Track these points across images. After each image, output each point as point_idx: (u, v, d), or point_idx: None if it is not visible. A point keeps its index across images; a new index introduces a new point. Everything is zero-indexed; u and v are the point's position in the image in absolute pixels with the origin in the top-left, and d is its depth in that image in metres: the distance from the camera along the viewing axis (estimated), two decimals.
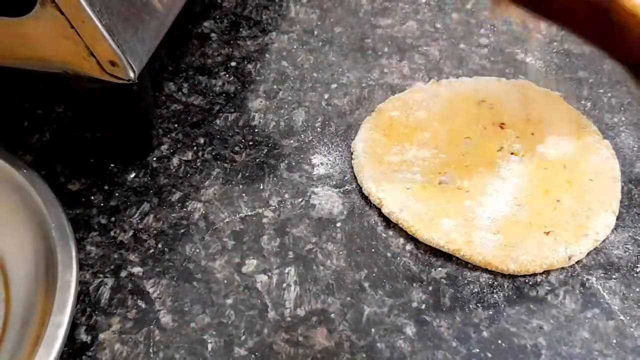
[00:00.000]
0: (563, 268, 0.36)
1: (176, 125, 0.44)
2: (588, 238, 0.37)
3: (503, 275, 0.36)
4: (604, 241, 0.37)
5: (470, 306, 0.35)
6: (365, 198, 0.40)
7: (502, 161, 0.41)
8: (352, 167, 0.41)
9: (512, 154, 0.41)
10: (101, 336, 0.34)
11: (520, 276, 0.36)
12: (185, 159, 0.42)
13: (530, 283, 0.36)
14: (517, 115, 0.43)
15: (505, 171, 0.40)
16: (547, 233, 0.37)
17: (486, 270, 0.36)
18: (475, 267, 0.36)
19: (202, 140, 0.43)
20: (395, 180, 0.40)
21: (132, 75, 0.34)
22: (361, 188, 0.40)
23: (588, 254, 0.37)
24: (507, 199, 0.39)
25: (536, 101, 0.45)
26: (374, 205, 0.39)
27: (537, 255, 0.36)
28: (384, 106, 0.45)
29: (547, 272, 0.36)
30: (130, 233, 0.38)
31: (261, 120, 0.44)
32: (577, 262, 0.36)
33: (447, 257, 0.37)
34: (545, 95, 0.45)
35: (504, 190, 0.39)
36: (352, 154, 0.42)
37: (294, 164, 0.42)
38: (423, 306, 0.35)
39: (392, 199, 0.39)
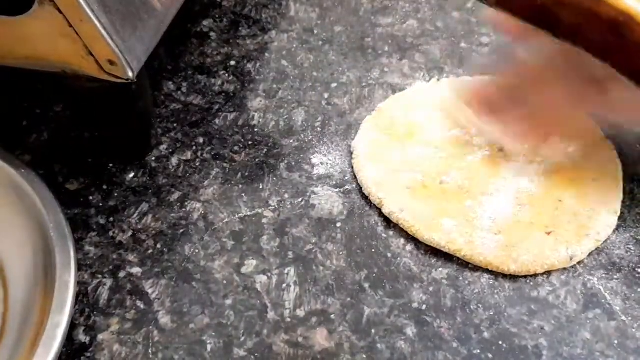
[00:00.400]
0: (564, 269, 0.36)
1: (175, 125, 0.44)
2: (589, 238, 0.36)
3: (504, 276, 0.36)
4: (605, 241, 0.37)
5: (471, 307, 0.34)
6: (366, 198, 0.39)
7: (504, 161, 0.40)
8: (352, 167, 0.41)
9: (514, 153, 0.41)
10: (100, 337, 0.33)
11: (522, 277, 0.36)
12: (184, 158, 0.42)
13: (532, 284, 0.35)
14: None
15: (507, 171, 0.40)
16: (549, 233, 0.36)
17: (487, 271, 0.36)
18: (476, 268, 0.36)
19: (201, 140, 0.43)
20: (396, 179, 0.40)
21: (130, 74, 0.34)
22: (361, 188, 0.40)
23: (590, 255, 0.36)
24: (508, 199, 0.38)
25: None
26: (374, 205, 0.39)
27: (538, 256, 0.35)
28: (384, 105, 0.44)
29: (548, 273, 0.36)
30: (129, 233, 0.38)
31: (261, 120, 0.44)
32: (579, 263, 0.36)
33: (448, 257, 0.37)
34: None
35: (506, 190, 0.39)
36: (352, 153, 0.42)
37: (293, 163, 0.42)
38: (424, 307, 0.34)
39: (392, 199, 0.38)
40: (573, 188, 0.39)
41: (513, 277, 0.36)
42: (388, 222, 0.38)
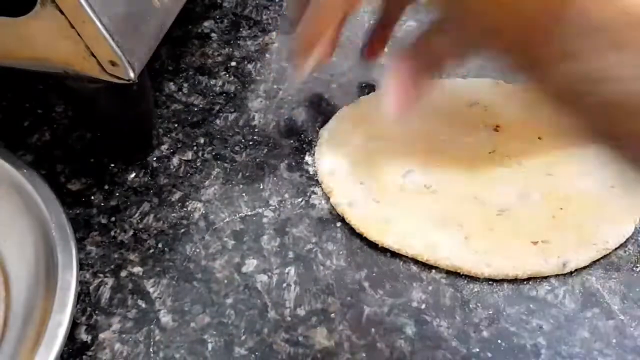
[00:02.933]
0: None
1: (176, 125, 0.44)
2: (595, 247, 0.35)
3: None
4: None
5: (470, 306, 0.35)
6: None
7: (492, 164, 0.39)
8: None
9: (507, 157, 0.39)
10: (101, 336, 0.34)
11: None
12: (185, 158, 0.42)
13: (530, 283, 0.35)
14: (516, 118, 0.41)
15: (493, 174, 0.38)
16: (535, 243, 0.35)
17: None
18: None
19: (202, 140, 0.43)
20: (353, 172, 0.39)
21: (132, 75, 0.34)
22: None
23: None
24: (485, 203, 0.37)
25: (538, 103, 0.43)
26: None
27: (517, 261, 0.35)
28: (365, 98, 0.44)
29: None
30: (131, 233, 0.38)
31: (261, 120, 0.44)
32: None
33: None
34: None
35: (484, 194, 0.38)
36: (317, 140, 0.42)
37: (294, 163, 0.42)
38: (423, 306, 0.35)
39: (343, 191, 0.38)
40: (581, 197, 0.37)
41: None
42: None
